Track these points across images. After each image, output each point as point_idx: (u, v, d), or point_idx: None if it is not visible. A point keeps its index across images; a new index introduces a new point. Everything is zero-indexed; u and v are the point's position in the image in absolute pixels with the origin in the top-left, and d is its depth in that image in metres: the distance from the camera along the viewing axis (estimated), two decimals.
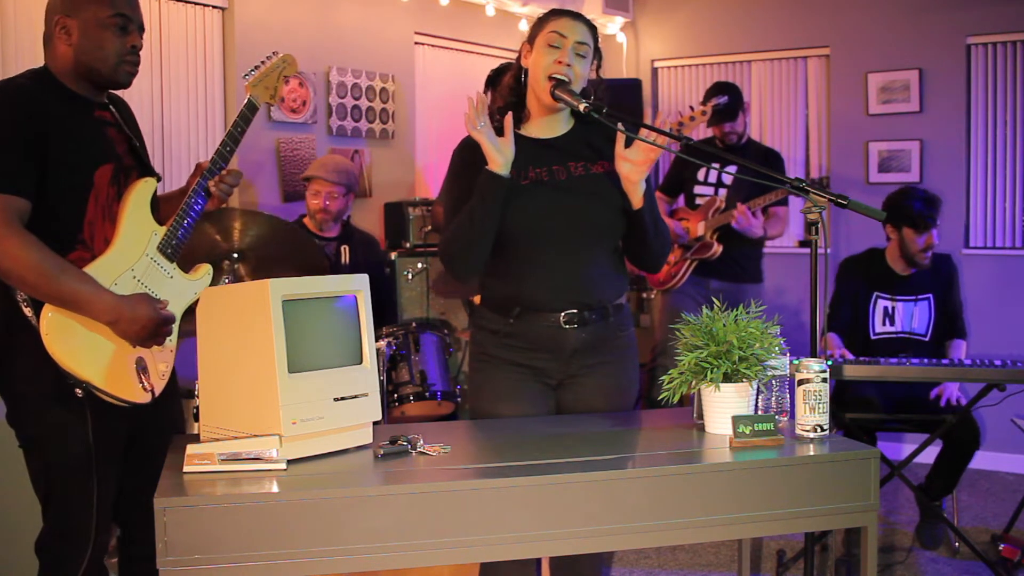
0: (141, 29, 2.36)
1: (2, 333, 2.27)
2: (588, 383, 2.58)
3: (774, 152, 4.96)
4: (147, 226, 2.36)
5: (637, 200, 2.47)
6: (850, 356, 3.84)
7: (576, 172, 2.53)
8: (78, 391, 2.19)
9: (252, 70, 2.53)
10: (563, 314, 2.51)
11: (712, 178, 4.74)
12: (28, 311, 2.20)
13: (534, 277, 2.52)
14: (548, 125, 2.59)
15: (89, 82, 2.33)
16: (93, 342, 2.22)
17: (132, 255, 2.31)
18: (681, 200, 4.87)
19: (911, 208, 3.99)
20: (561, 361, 2.56)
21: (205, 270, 2.47)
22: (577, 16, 2.55)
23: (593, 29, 2.56)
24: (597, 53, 2.57)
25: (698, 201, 4.75)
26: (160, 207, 2.46)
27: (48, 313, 2.18)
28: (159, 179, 2.45)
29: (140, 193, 2.36)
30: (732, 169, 4.28)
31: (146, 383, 2.28)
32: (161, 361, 2.35)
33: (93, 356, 2.21)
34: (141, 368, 2.28)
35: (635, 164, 2.43)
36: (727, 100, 4.64)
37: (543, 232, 2.50)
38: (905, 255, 4.07)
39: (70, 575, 2.25)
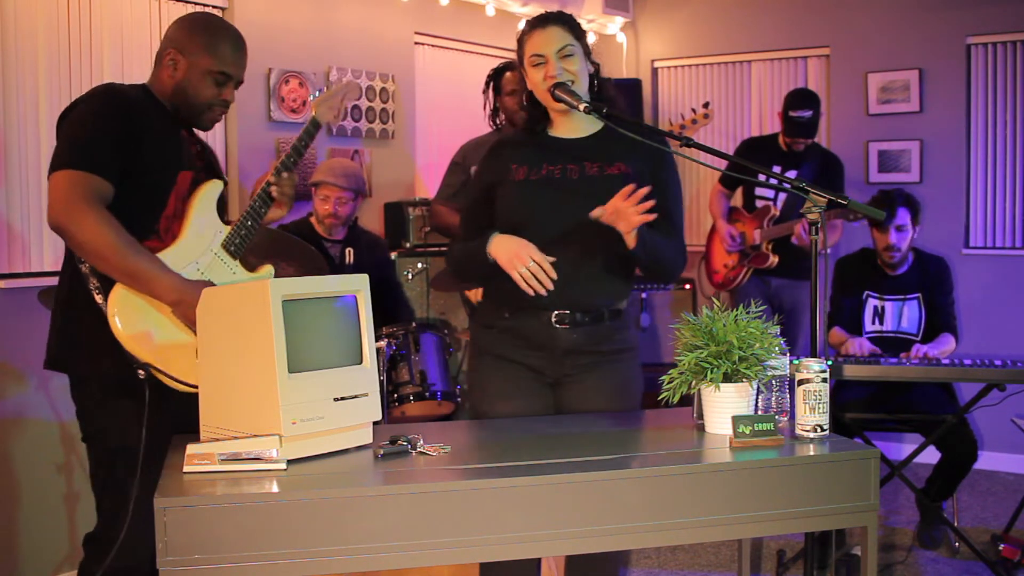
0: (239, 84, 2.53)
1: (70, 317, 2.38)
2: (585, 383, 2.58)
3: (834, 156, 4.97)
4: (213, 224, 2.50)
5: (630, 243, 2.41)
6: (867, 345, 3.88)
7: (590, 172, 2.52)
8: (140, 373, 2.27)
9: (319, 91, 2.73)
10: (555, 313, 2.52)
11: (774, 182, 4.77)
12: (99, 298, 2.30)
13: None
14: (572, 126, 2.59)
15: (176, 113, 2.51)
16: (157, 324, 2.31)
17: (197, 249, 2.44)
18: (738, 196, 4.96)
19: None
20: (554, 360, 2.56)
21: (267, 270, 2.61)
22: (546, 21, 2.51)
23: (568, 22, 2.51)
24: (583, 41, 2.52)
25: (757, 204, 4.83)
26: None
27: (116, 293, 2.28)
28: (226, 183, 2.59)
29: (207, 193, 2.50)
30: (792, 175, 4.28)
31: None
32: None
33: (156, 338, 2.30)
34: None
35: (623, 228, 2.38)
36: (810, 116, 4.66)
37: (542, 229, 2.49)
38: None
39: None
